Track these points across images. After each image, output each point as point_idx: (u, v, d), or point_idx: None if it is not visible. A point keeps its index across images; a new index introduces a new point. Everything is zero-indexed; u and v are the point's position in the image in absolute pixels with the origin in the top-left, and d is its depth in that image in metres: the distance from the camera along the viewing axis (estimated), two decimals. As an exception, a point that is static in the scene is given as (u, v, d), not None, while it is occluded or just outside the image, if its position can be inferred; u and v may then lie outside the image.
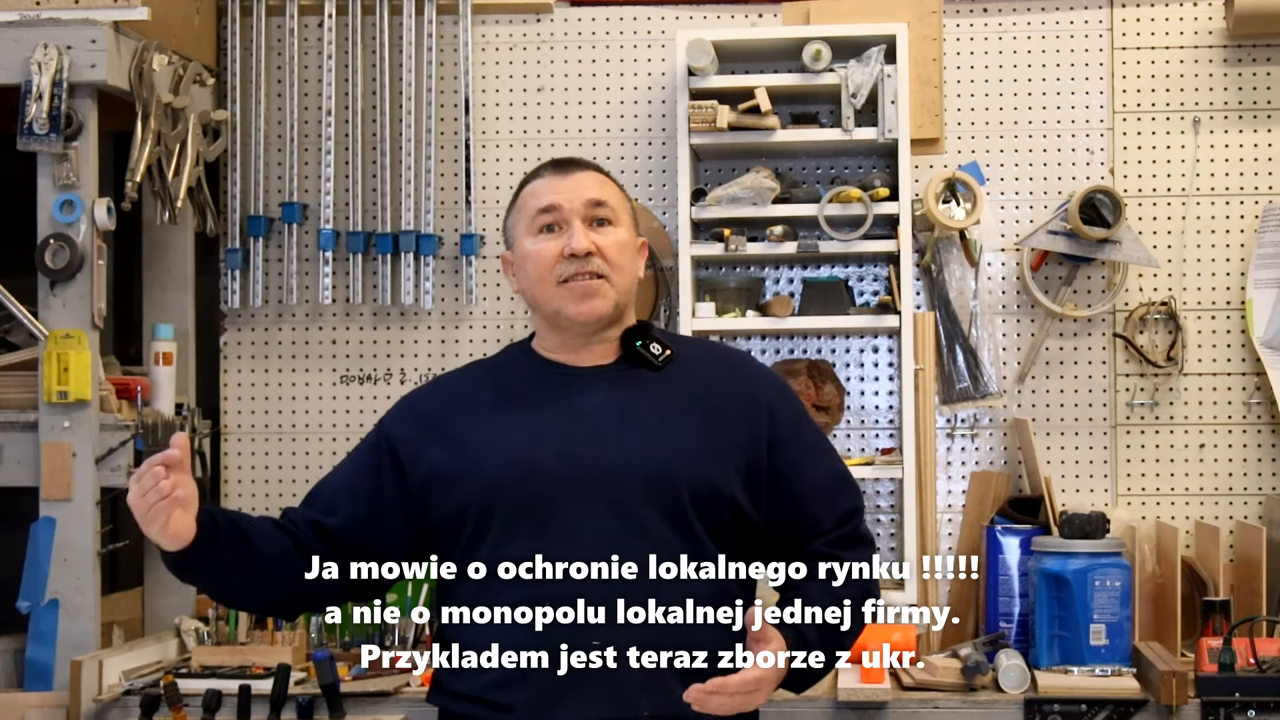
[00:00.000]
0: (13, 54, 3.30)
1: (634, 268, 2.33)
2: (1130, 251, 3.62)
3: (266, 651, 3.38)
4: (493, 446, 2.25)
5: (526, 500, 2.21)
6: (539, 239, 2.29)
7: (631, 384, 2.30)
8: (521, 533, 2.20)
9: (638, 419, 2.26)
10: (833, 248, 3.58)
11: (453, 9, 3.85)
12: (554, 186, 2.30)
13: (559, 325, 2.31)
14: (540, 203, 2.29)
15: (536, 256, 2.28)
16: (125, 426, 3.40)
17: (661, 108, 3.85)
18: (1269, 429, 3.72)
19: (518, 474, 2.22)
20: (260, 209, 3.84)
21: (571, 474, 2.21)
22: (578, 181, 2.31)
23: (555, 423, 2.26)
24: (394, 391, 3.87)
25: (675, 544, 2.20)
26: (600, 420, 2.25)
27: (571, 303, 2.26)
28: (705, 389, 2.31)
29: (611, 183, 2.35)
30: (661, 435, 2.24)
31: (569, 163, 2.35)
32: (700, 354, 2.39)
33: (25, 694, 3.26)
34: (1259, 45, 3.75)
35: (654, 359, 2.31)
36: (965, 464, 3.76)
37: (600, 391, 2.29)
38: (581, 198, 2.28)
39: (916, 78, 3.67)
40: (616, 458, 2.21)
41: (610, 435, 2.24)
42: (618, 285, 2.28)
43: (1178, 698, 3.03)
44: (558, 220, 2.28)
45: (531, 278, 2.30)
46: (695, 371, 2.33)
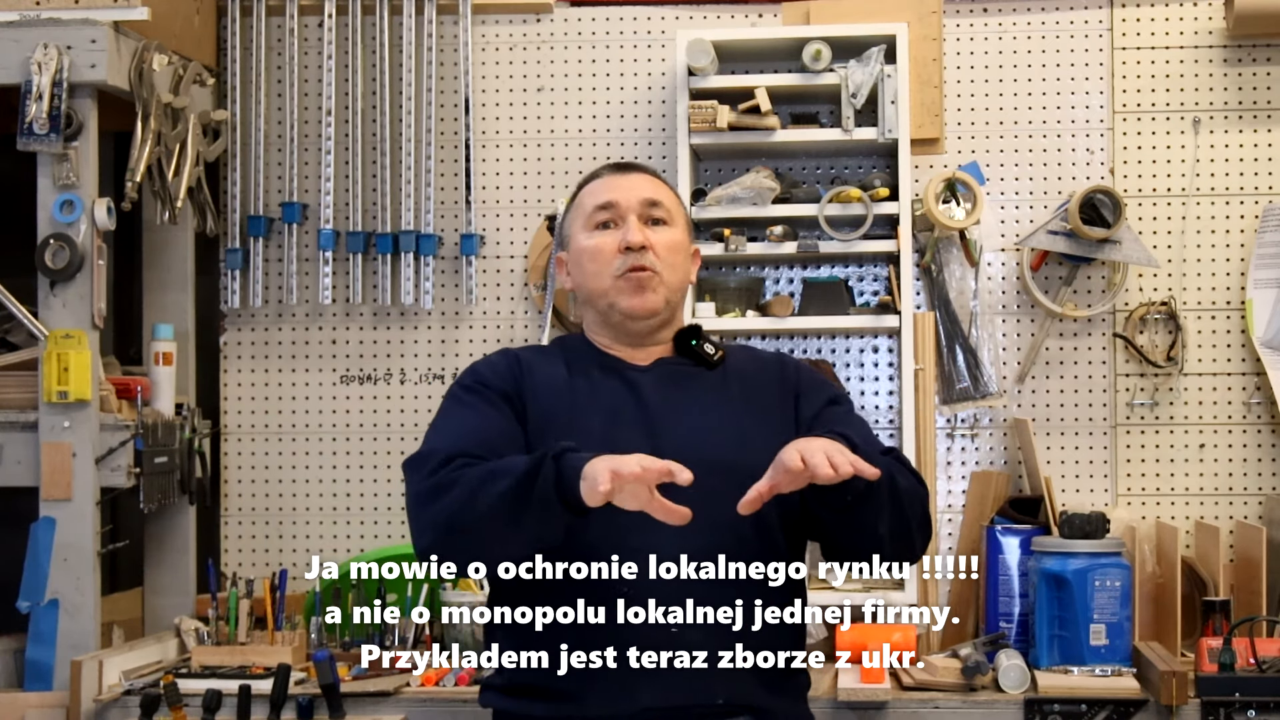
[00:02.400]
0: (13, 54, 3.30)
1: (685, 269, 2.40)
2: (1130, 251, 3.62)
3: (266, 651, 3.38)
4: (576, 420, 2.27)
5: None
6: (595, 234, 2.35)
7: (690, 381, 2.36)
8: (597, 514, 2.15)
9: (703, 413, 2.32)
10: (833, 248, 3.58)
11: (453, 9, 3.85)
12: (612, 185, 2.38)
13: (611, 321, 2.36)
14: (598, 200, 2.36)
15: (594, 251, 2.34)
16: (125, 426, 3.40)
17: (661, 108, 3.85)
18: (1269, 429, 3.72)
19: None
20: (260, 209, 3.84)
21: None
22: (635, 182, 2.39)
23: (629, 409, 2.30)
24: (394, 391, 3.87)
25: (749, 534, 2.23)
26: (668, 412, 2.30)
27: (625, 295, 2.32)
28: (754, 387, 2.37)
29: (667, 186, 2.43)
30: (730, 430, 2.30)
31: (628, 165, 2.45)
32: (743, 355, 2.47)
33: (25, 694, 3.26)
34: (1259, 45, 3.75)
35: (709, 357, 2.37)
36: (965, 464, 3.76)
37: (662, 384, 2.34)
38: (638, 196, 2.36)
39: (916, 78, 3.67)
40: (691, 450, 2.20)
41: (681, 428, 2.28)
42: (669, 282, 2.34)
43: (1178, 698, 3.02)
44: (614, 217, 2.35)
45: (588, 272, 2.35)
46: (745, 372, 2.40)
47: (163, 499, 3.54)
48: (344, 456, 3.89)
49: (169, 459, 3.53)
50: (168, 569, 3.74)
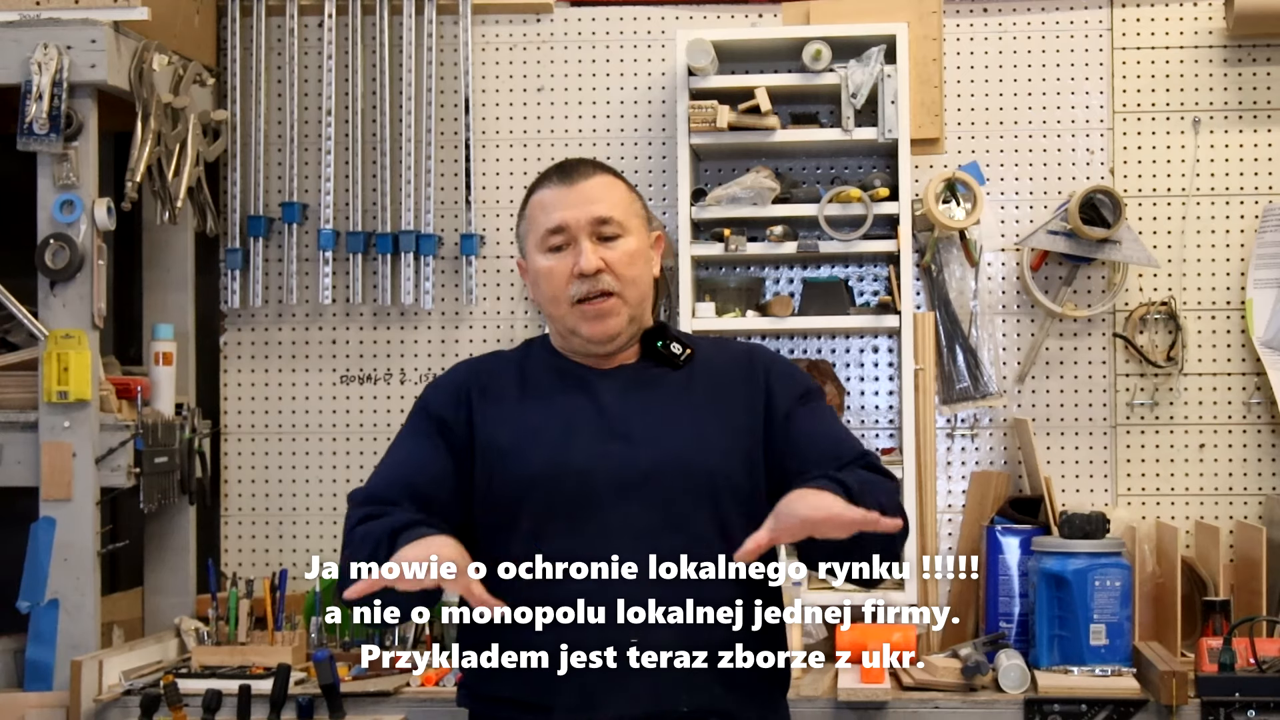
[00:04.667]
0: (13, 54, 3.30)
1: (647, 274, 2.35)
2: (1130, 251, 3.62)
3: (266, 651, 3.38)
4: (524, 442, 2.26)
5: (560, 497, 2.21)
6: (549, 257, 2.31)
7: (655, 383, 2.32)
8: (555, 530, 2.20)
9: (665, 416, 2.28)
10: (833, 248, 3.58)
11: (453, 9, 3.85)
12: (561, 200, 2.31)
13: (572, 345, 2.34)
14: (550, 222, 2.30)
15: (548, 275, 2.31)
16: (125, 426, 3.40)
17: (661, 108, 3.85)
18: (1269, 429, 3.72)
19: (549, 473, 2.22)
20: (260, 209, 3.84)
21: (606, 470, 2.21)
22: (584, 193, 2.30)
23: (585, 420, 2.27)
24: (394, 391, 3.87)
25: (712, 539, 2.21)
26: (629, 418, 2.27)
27: (585, 324, 2.29)
28: (722, 384, 2.33)
29: (619, 184, 2.35)
30: (690, 432, 2.26)
31: (574, 169, 2.34)
32: (715, 351, 2.41)
33: (25, 694, 3.26)
34: (1259, 45, 3.75)
35: (675, 358, 2.34)
36: (965, 464, 3.76)
37: (625, 390, 2.31)
38: (587, 215, 2.29)
39: (916, 78, 3.67)
40: (650, 454, 2.22)
41: (640, 432, 2.25)
42: (630, 299, 2.30)
43: (1178, 698, 3.02)
44: (566, 240, 2.30)
45: (545, 294, 2.32)
46: (712, 368, 2.35)
47: (163, 499, 3.54)
48: (344, 456, 3.88)
49: (169, 459, 3.53)
50: (168, 569, 3.74)
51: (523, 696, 2.22)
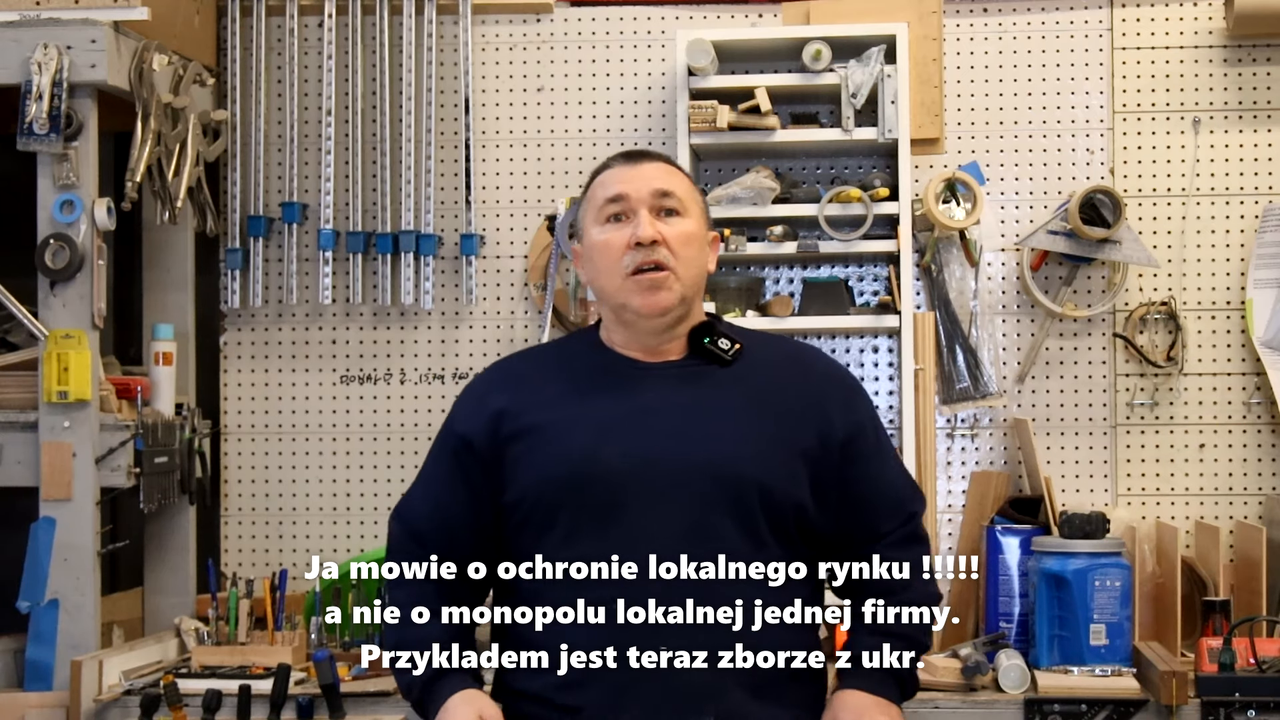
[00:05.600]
0: (13, 54, 3.30)
1: (701, 259, 2.31)
2: (1130, 251, 3.62)
3: (266, 651, 3.38)
4: (560, 441, 2.24)
5: (592, 498, 2.20)
6: (606, 228, 2.28)
7: (700, 381, 2.28)
8: (587, 530, 2.20)
9: (706, 418, 2.25)
10: (833, 248, 3.58)
11: (453, 9, 3.85)
12: (622, 176, 2.29)
13: (625, 320, 2.29)
14: (609, 192, 2.28)
15: (604, 247, 2.27)
16: (125, 426, 3.40)
17: (661, 108, 3.85)
18: (1269, 429, 3.72)
19: (584, 471, 2.21)
20: (260, 209, 3.84)
21: (639, 473, 2.19)
22: (646, 171, 2.29)
23: (623, 419, 2.24)
24: (394, 391, 3.87)
25: (741, 545, 2.19)
26: (668, 418, 2.24)
27: (638, 295, 2.24)
28: (775, 388, 2.29)
29: (681, 174, 2.34)
30: (730, 435, 2.23)
31: (639, 154, 2.35)
32: (771, 349, 2.37)
33: (25, 694, 3.26)
34: (1259, 45, 3.75)
35: (723, 354, 2.29)
36: (965, 464, 3.76)
37: (668, 388, 2.27)
38: (649, 187, 2.27)
39: (916, 78, 3.67)
40: (685, 457, 2.20)
41: (678, 434, 2.22)
42: (683, 277, 2.26)
43: (1178, 698, 3.02)
44: (625, 210, 2.27)
45: (599, 268, 2.28)
46: (765, 368, 2.31)
47: (163, 499, 3.54)
48: (344, 456, 3.88)
49: (169, 459, 3.53)
50: (168, 569, 3.74)
51: (551, 696, 2.21)
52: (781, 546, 2.23)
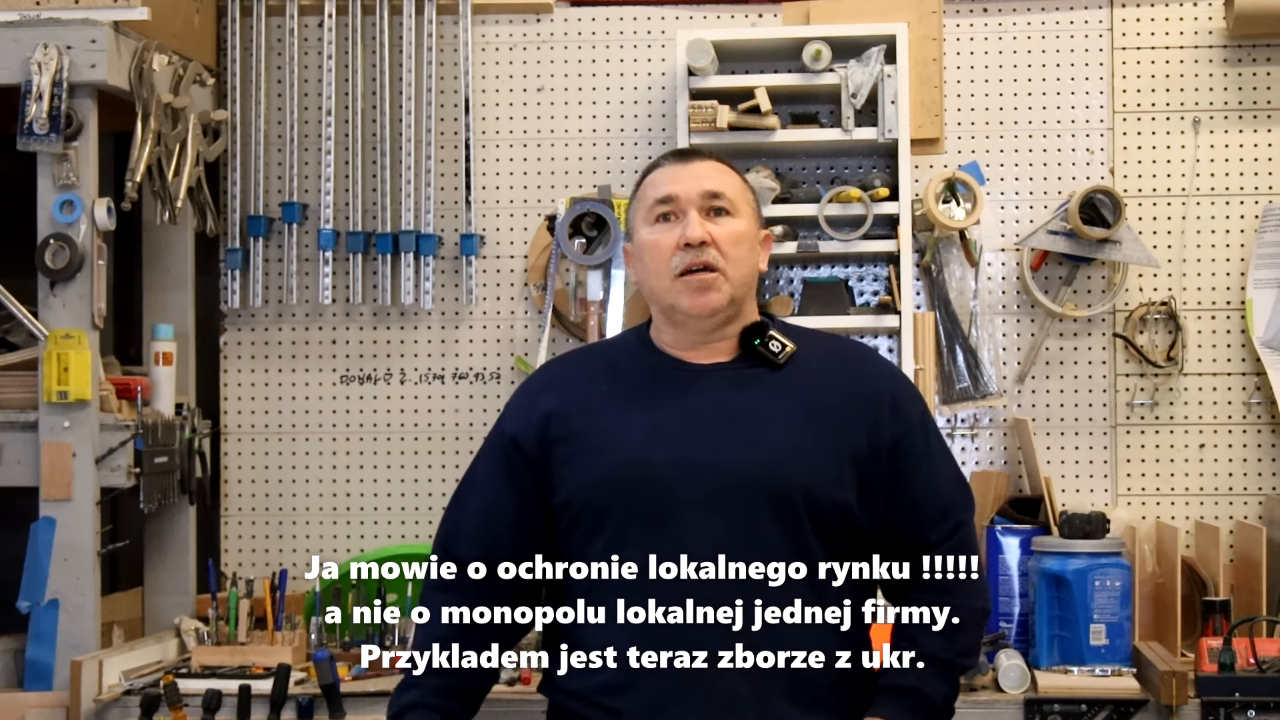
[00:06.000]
0: (13, 54, 3.30)
1: (752, 259, 2.30)
2: (1130, 251, 3.62)
3: (266, 651, 3.38)
4: (608, 444, 2.23)
5: (640, 502, 2.20)
6: (656, 228, 2.27)
7: (749, 384, 2.27)
8: (635, 533, 2.19)
9: (755, 422, 2.23)
10: (833, 248, 3.58)
11: (453, 9, 3.85)
12: (673, 176, 2.29)
13: (674, 320, 2.29)
14: (659, 193, 2.28)
15: (653, 247, 2.27)
16: (125, 426, 3.40)
17: (661, 108, 3.85)
18: (1269, 429, 3.72)
19: (633, 475, 2.20)
20: (260, 209, 3.84)
21: (686, 478, 2.19)
22: (696, 171, 2.29)
23: (671, 423, 2.23)
24: (394, 391, 3.87)
25: (788, 551, 2.19)
26: (716, 422, 2.23)
27: (686, 296, 2.24)
28: (825, 389, 2.28)
29: (732, 172, 2.33)
30: (778, 440, 2.22)
31: (689, 153, 2.34)
32: (823, 350, 2.35)
33: (25, 694, 3.26)
34: (1259, 45, 3.75)
35: (774, 357, 2.28)
36: (965, 464, 3.75)
37: (717, 391, 2.26)
38: (699, 187, 2.26)
39: (916, 78, 3.67)
40: (732, 463, 2.19)
41: (726, 439, 2.21)
42: (733, 277, 2.26)
43: (1178, 698, 3.02)
44: (674, 210, 2.26)
45: (649, 269, 2.28)
46: (816, 370, 2.30)
47: (163, 499, 3.54)
48: (344, 456, 3.88)
49: (169, 459, 3.53)
50: (168, 569, 3.74)
51: (595, 697, 2.21)
52: (827, 552, 2.22)
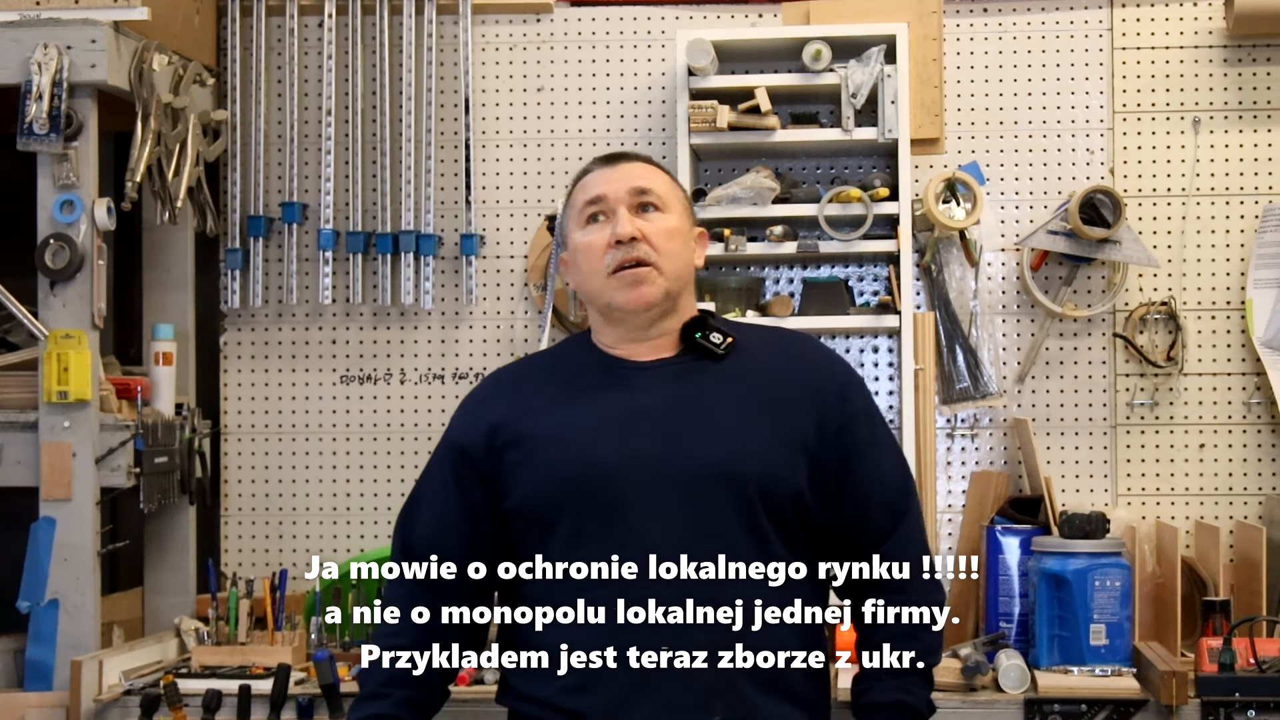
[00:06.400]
0: (13, 54, 3.30)
1: (685, 254, 2.32)
2: (1130, 251, 3.62)
3: (266, 651, 3.38)
4: (557, 445, 2.24)
5: (593, 499, 2.20)
6: (588, 230, 2.29)
7: (694, 377, 2.28)
8: (589, 532, 2.20)
9: (702, 414, 2.24)
10: (833, 248, 3.58)
11: (453, 9, 3.85)
12: (602, 178, 2.31)
13: (613, 318, 2.30)
14: (588, 195, 2.30)
15: (586, 248, 2.28)
16: (125, 426, 3.40)
17: (661, 108, 3.85)
18: (1269, 429, 3.72)
19: (584, 472, 2.21)
20: (260, 209, 3.84)
21: (639, 471, 2.20)
22: (623, 171, 2.31)
23: (620, 419, 2.24)
24: (394, 391, 3.87)
25: (744, 542, 2.20)
26: (665, 416, 2.24)
27: (621, 292, 2.25)
28: (770, 378, 2.29)
29: (661, 171, 2.35)
30: (727, 430, 2.23)
31: (617, 156, 2.36)
32: (765, 341, 2.37)
33: (25, 694, 3.26)
34: (1259, 45, 3.75)
35: (715, 348, 2.29)
36: (965, 464, 3.76)
37: (663, 386, 2.27)
38: (626, 185, 2.29)
39: (916, 78, 3.67)
40: (683, 454, 2.20)
41: (676, 431, 2.22)
42: (666, 271, 2.27)
43: (1178, 698, 3.02)
44: (604, 209, 2.28)
45: (584, 271, 2.30)
46: (760, 360, 2.31)
47: (163, 499, 3.54)
48: (344, 456, 3.88)
49: (169, 459, 3.53)
50: (168, 569, 3.74)
51: (555, 700, 2.21)
52: (783, 542, 2.23)
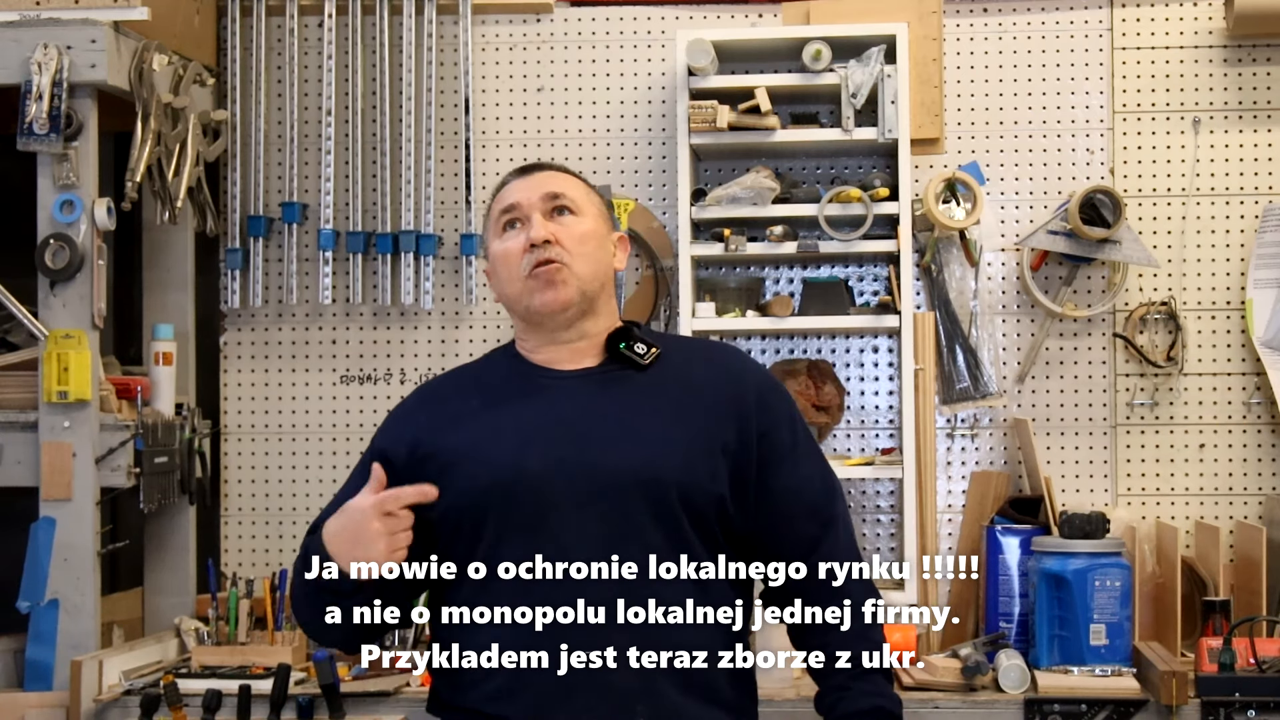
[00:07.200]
0: (13, 54, 3.30)
1: (601, 257, 2.33)
2: (1130, 251, 3.62)
3: (266, 651, 3.38)
4: (481, 454, 2.24)
5: (517, 506, 2.20)
6: (505, 238, 2.32)
7: (617, 386, 2.29)
8: (513, 538, 2.20)
9: (624, 422, 2.25)
10: (833, 248, 3.58)
11: (453, 9, 3.85)
12: (516, 188, 2.34)
13: (533, 321, 2.31)
14: (503, 204, 2.33)
15: (503, 255, 2.31)
16: (125, 426, 3.40)
17: (661, 108, 3.85)
18: (1269, 429, 3.72)
19: (507, 479, 2.21)
20: (260, 209, 3.84)
21: (560, 480, 2.20)
22: (537, 179, 2.34)
23: (543, 427, 2.25)
24: (394, 391, 3.88)
25: (667, 547, 2.19)
26: (587, 424, 2.25)
27: (536, 293, 2.27)
28: (693, 388, 2.30)
29: (575, 178, 2.38)
30: (648, 438, 2.23)
31: (532, 166, 2.39)
32: (689, 352, 2.39)
33: (25, 694, 3.26)
34: (1259, 45, 3.75)
35: (638, 359, 2.30)
36: (965, 464, 3.76)
37: (586, 395, 2.28)
38: (540, 191, 2.31)
39: (916, 78, 3.67)
40: (606, 461, 2.21)
41: (598, 439, 2.23)
42: (580, 272, 2.28)
43: (1178, 698, 3.03)
44: (519, 216, 2.31)
45: (503, 278, 2.32)
46: (683, 371, 2.32)
47: (163, 499, 3.54)
48: (344, 456, 3.88)
49: (169, 459, 3.53)
50: (168, 569, 3.74)
51: (481, 707, 2.21)
52: (706, 548, 2.23)
